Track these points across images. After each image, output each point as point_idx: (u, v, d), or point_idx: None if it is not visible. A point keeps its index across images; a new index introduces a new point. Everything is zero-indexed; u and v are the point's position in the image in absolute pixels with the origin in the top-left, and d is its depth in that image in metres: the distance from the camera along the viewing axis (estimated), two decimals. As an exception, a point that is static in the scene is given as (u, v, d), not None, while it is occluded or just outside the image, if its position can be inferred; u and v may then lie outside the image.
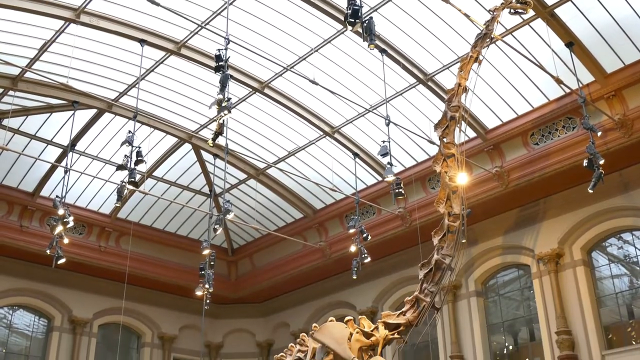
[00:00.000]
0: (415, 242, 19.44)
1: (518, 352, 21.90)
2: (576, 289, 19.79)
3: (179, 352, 28.16)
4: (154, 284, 26.65)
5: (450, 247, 9.68)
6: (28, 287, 24.73)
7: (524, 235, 21.24)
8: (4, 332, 24.83)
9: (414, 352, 23.44)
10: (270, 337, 28.65)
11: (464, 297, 22.44)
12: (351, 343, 9.16)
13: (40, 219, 23.59)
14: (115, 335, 25.28)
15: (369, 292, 24.86)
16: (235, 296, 28.29)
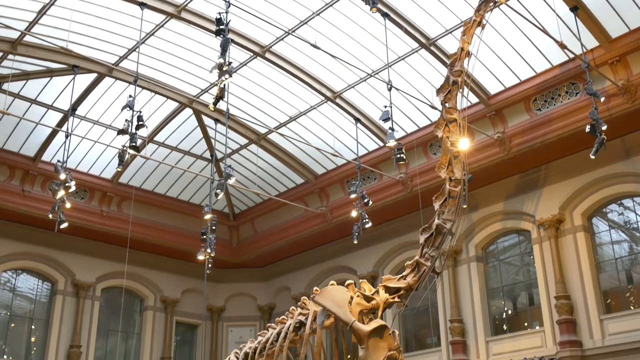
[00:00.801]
0: (416, 207, 19.51)
1: (517, 316, 22.10)
2: (576, 254, 19.91)
3: (181, 315, 28.45)
4: (156, 249, 26.82)
5: (451, 212, 9.69)
6: (31, 251, 24.89)
7: (524, 201, 21.29)
8: (7, 296, 25.06)
9: (414, 315, 23.67)
10: (271, 301, 28.91)
11: (464, 262, 22.58)
12: (352, 306, 9.22)
13: (42, 183, 23.64)
14: (118, 299, 25.53)
15: (370, 257, 25.01)
16: (236, 261, 28.47)
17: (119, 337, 26.84)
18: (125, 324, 26.99)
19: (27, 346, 25.20)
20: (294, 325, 10.04)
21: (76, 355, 24.73)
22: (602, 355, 18.56)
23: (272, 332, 10.44)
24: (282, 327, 10.28)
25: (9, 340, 24.96)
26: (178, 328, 28.58)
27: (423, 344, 23.78)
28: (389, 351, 8.86)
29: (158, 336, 27.44)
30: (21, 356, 24.72)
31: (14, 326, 25.18)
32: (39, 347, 25.09)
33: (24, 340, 25.28)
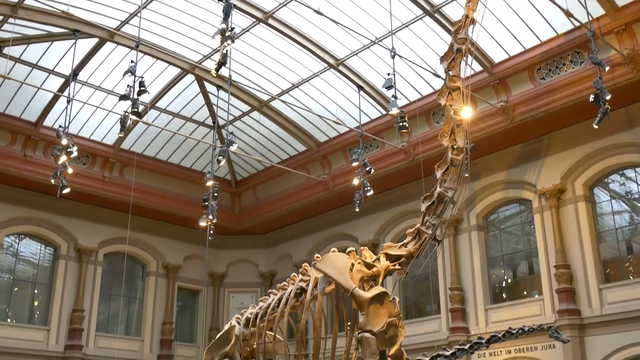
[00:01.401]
0: (418, 176, 19.51)
1: (516, 285, 22.25)
2: (577, 224, 19.96)
3: (183, 281, 28.66)
4: (158, 215, 26.90)
5: (453, 180, 9.68)
6: (33, 216, 24.99)
7: (526, 171, 21.28)
8: (11, 260, 25.23)
9: (414, 283, 23.82)
10: (273, 268, 29.08)
11: (465, 230, 22.65)
12: (352, 273, 9.28)
13: (44, 148, 23.64)
14: (121, 264, 25.68)
15: (371, 225, 25.09)
16: (238, 227, 28.57)
17: (122, 302, 27.09)
18: (127, 289, 27.22)
19: (31, 310, 25.44)
20: (295, 292, 10.12)
21: (79, 319, 24.98)
22: (600, 323, 18.71)
23: (273, 298, 10.52)
24: (283, 293, 10.36)
25: (13, 304, 25.19)
26: (180, 293, 28.82)
27: (423, 312, 23.98)
28: (389, 317, 8.94)
29: (160, 301, 27.68)
30: (24, 320, 24.97)
31: (17, 290, 25.40)
32: (42, 311, 25.33)
33: (27, 304, 25.52)
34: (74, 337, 24.73)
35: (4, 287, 24.61)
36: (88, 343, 25.17)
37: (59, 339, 24.60)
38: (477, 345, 13.00)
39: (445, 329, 22.09)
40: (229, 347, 10.44)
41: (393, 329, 9.00)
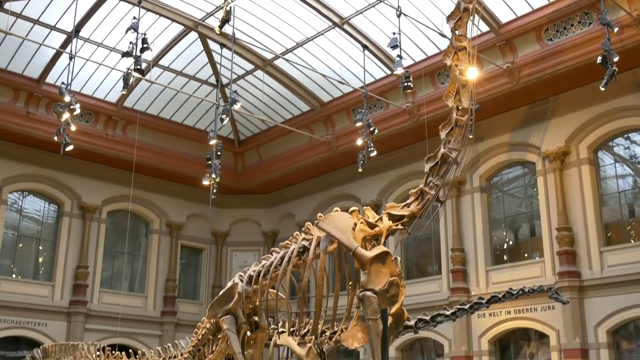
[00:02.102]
0: (422, 137, 19.44)
1: (518, 247, 22.36)
2: (580, 187, 19.96)
3: (187, 239, 28.85)
4: (162, 173, 26.95)
5: (457, 141, 9.61)
6: (37, 173, 25.06)
7: (531, 133, 21.20)
8: (15, 217, 25.38)
9: (416, 244, 23.95)
10: (275, 227, 29.21)
11: (467, 192, 22.68)
12: (355, 233, 9.29)
13: (47, 106, 23.57)
14: (124, 222, 25.83)
15: (374, 186, 25.12)
16: (241, 187, 28.63)
17: (125, 259, 27.32)
18: (131, 247, 27.42)
19: (35, 266, 25.69)
20: (298, 250, 10.15)
21: (83, 275, 25.24)
22: (600, 286, 18.86)
23: (276, 256, 10.56)
24: (285, 251, 10.40)
25: (17, 260, 25.43)
26: (183, 251, 29.04)
27: (424, 272, 24.16)
28: (390, 277, 8.97)
29: (163, 259, 27.91)
30: (29, 275, 25.24)
31: (21, 247, 25.61)
32: (46, 267, 25.58)
33: (31, 261, 25.76)
34: (79, 292, 25.02)
35: (8, 243, 24.80)
36: (92, 299, 25.48)
37: (64, 294, 24.90)
38: (478, 305, 13.10)
39: (445, 289, 22.28)
40: (231, 304, 10.54)
41: (394, 288, 9.04)
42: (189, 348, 13.46)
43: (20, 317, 23.55)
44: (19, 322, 23.55)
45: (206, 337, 12.51)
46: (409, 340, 22.44)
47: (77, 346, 16.14)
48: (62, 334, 23.89)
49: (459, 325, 20.49)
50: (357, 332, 10.42)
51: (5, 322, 23.25)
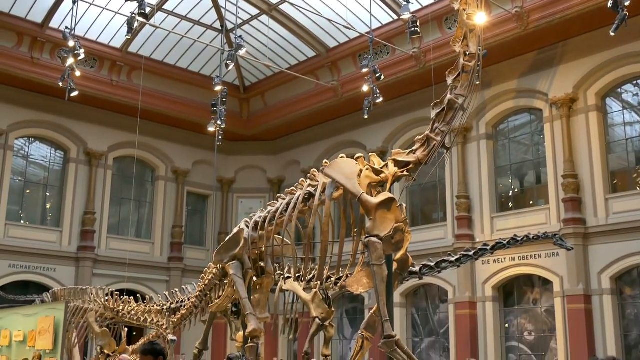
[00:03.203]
0: (429, 83, 19.28)
1: (523, 194, 22.38)
2: (587, 134, 19.85)
3: (192, 186, 28.96)
4: (167, 120, 26.89)
5: (464, 87, 9.51)
6: (43, 119, 25.04)
7: (539, 79, 20.98)
8: (21, 163, 25.47)
9: (421, 191, 23.98)
10: (281, 174, 29.25)
11: (474, 139, 22.59)
12: (360, 179, 9.29)
13: (51, 51, 23.35)
14: (130, 168, 25.91)
15: (380, 133, 25.03)
16: (247, 133, 28.57)
17: (132, 205, 27.50)
18: (137, 193, 27.56)
19: (43, 212, 25.91)
20: (303, 197, 10.16)
21: (91, 221, 25.45)
22: (605, 233, 18.93)
23: (281, 203, 10.59)
24: (291, 197, 10.41)
25: (25, 206, 25.63)
26: (189, 198, 29.20)
27: (429, 219, 24.26)
28: (396, 223, 9.00)
29: (170, 205, 28.09)
30: (37, 221, 25.48)
31: (29, 193, 25.77)
32: (54, 213, 25.80)
33: (39, 206, 25.96)
34: (86, 238, 25.28)
35: (16, 189, 24.95)
36: (100, 244, 25.75)
37: (72, 240, 25.16)
38: (482, 251, 13.20)
39: (450, 236, 22.40)
40: (237, 250, 10.61)
41: (399, 234, 9.08)
42: (196, 293, 13.65)
43: (30, 263, 23.87)
44: (28, 267, 23.88)
45: (213, 283, 12.67)
46: (413, 286, 22.69)
47: (86, 290, 16.37)
48: (71, 279, 24.23)
49: (463, 272, 20.67)
50: (362, 277, 10.52)
51: (15, 267, 23.57)
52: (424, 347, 23.08)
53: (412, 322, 23.73)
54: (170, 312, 14.67)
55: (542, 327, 20.58)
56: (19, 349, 7.80)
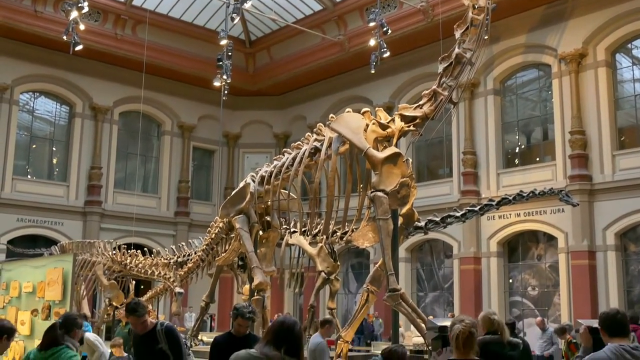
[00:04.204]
0: (436, 37, 19.06)
1: (529, 150, 22.31)
2: (595, 90, 19.67)
3: (198, 140, 28.95)
4: (172, 74, 26.71)
5: (472, 41, 9.40)
6: (47, 73, 24.92)
7: (548, 34, 20.70)
8: (27, 118, 25.46)
9: (428, 146, 23.91)
10: (287, 129, 29.17)
11: (481, 95, 22.42)
12: (367, 133, 9.26)
13: (54, 4, 23.12)
14: (136, 123, 25.88)
15: (386, 88, 24.84)
16: (253, 88, 28.41)
17: (138, 160, 27.55)
18: (143, 148, 27.59)
19: (50, 167, 26.00)
20: (310, 151, 10.15)
21: (97, 175, 25.54)
22: (611, 189, 18.91)
23: (287, 157, 10.59)
24: (297, 152, 10.40)
25: (32, 160, 25.71)
26: (195, 153, 29.22)
27: (435, 175, 24.26)
28: (402, 178, 9.00)
29: (176, 160, 28.13)
30: (44, 176, 25.58)
31: (35, 147, 25.83)
32: (60, 168, 25.88)
33: (45, 161, 26.05)
34: (93, 193, 25.40)
35: (22, 144, 25.00)
36: (107, 199, 25.89)
37: (79, 194, 25.30)
38: (488, 207, 13.21)
39: (456, 192, 22.42)
40: (244, 204, 10.65)
41: (405, 189, 9.09)
42: (202, 246, 13.77)
43: (37, 217, 24.05)
44: (36, 221, 24.07)
45: (219, 236, 12.76)
46: (418, 241, 22.81)
47: (94, 244, 16.54)
48: (79, 232, 24.44)
49: (468, 227, 20.74)
50: (367, 232, 10.58)
51: (23, 221, 23.76)
52: (428, 302, 23.32)
53: (417, 277, 23.93)
54: (177, 266, 14.83)
55: (545, 282, 20.73)
56: (28, 299, 7.90)
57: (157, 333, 5.38)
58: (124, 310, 5.53)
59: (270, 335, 3.79)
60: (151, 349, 5.29)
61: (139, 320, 5.36)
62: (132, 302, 5.45)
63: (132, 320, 5.36)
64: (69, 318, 5.17)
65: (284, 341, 3.73)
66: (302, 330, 3.85)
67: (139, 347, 5.27)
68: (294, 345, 3.74)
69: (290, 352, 3.71)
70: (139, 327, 5.35)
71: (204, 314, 14.14)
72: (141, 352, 5.28)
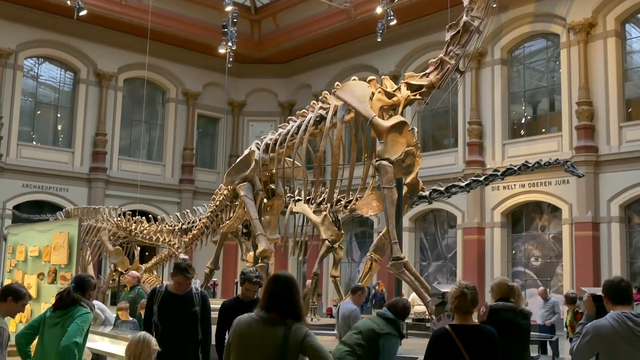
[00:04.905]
0: (444, 5, 18.86)
1: (536, 121, 22.20)
2: (604, 60, 19.49)
3: (203, 108, 28.87)
4: (177, 41, 26.52)
5: (480, 9, 9.31)
6: (52, 39, 24.77)
7: (557, 3, 20.46)
8: (32, 84, 25.38)
9: (433, 116, 23.81)
10: (292, 98, 29.04)
11: (488, 64, 22.24)
12: (372, 102, 9.22)
13: (58, -32, 22.90)
14: (141, 90, 25.79)
15: (393, 56, 24.64)
16: (258, 56, 28.22)
17: (143, 127, 27.50)
18: (148, 115, 27.52)
19: (55, 133, 25.99)
20: (315, 119, 10.12)
21: (102, 142, 25.53)
22: (617, 161, 18.85)
23: (292, 125, 10.56)
24: (302, 120, 10.38)
25: (36, 127, 25.70)
26: (200, 121, 29.16)
27: (440, 145, 24.20)
28: (407, 146, 8.99)
29: (180, 128, 28.08)
30: (49, 142, 25.58)
31: (40, 114, 25.80)
32: (65, 135, 25.87)
33: (50, 127, 26.03)
34: (98, 159, 25.43)
35: (26, 110, 24.97)
36: (112, 166, 25.92)
37: (84, 161, 25.33)
38: (492, 177, 13.20)
39: (461, 162, 22.37)
40: (248, 171, 10.66)
41: (410, 158, 9.09)
42: (207, 214, 13.82)
43: (43, 183, 24.11)
44: (42, 187, 24.14)
45: (224, 204, 12.80)
46: (422, 211, 22.83)
47: (99, 210, 16.59)
48: (84, 199, 24.52)
49: (472, 198, 20.74)
50: (372, 200, 10.60)
51: (28, 187, 23.84)
52: (431, 271, 23.42)
53: (420, 247, 24.01)
54: (182, 232, 14.90)
55: (548, 253, 20.78)
56: (35, 263, 7.96)
57: (194, 296, 5.48)
58: (173, 268, 5.56)
59: (265, 296, 3.77)
60: (186, 310, 5.39)
61: (187, 281, 5.47)
62: (184, 262, 5.56)
63: (179, 279, 5.40)
64: (82, 279, 5.22)
65: (279, 301, 3.70)
66: (296, 285, 3.79)
67: (172, 307, 5.32)
68: (290, 303, 3.69)
69: (287, 312, 3.67)
70: (183, 287, 5.45)
71: (208, 281, 14.24)
72: (173, 312, 5.34)
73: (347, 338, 5.55)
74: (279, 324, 3.63)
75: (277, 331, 3.60)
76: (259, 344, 3.62)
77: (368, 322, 5.62)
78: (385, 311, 5.70)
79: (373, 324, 5.54)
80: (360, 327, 5.59)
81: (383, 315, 5.63)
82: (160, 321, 5.35)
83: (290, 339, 3.58)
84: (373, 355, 5.39)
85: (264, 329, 3.65)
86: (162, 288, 5.61)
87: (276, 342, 3.58)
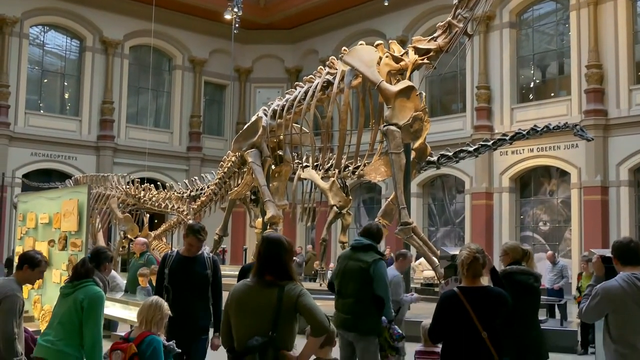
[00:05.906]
0: (452, -32, 18.56)
1: (545, 85, 22.01)
2: (614, 22, 19.23)
3: (210, 75, 28.75)
4: (183, 7, 26.31)
5: (489, -30, 9.18)
6: (57, 6, 24.63)
7: (567, -36, 20.15)
8: (38, 52, 25.31)
9: (441, 81, 23.64)
10: (299, 64, 28.87)
11: (496, 28, 21.99)
12: (380, 67, 9.17)
13: None
14: (147, 57, 25.68)
15: (400, 20, 24.39)
16: (264, 21, 28.00)
17: (150, 95, 27.46)
18: (154, 83, 27.43)
19: (62, 101, 25.98)
20: (322, 85, 10.09)
21: (109, 110, 25.53)
22: (626, 124, 18.70)
23: (300, 91, 10.53)
24: (309, 86, 10.34)
25: (44, 95, 25.69)
26: (207, 88, 29.08)
27: (448, 110, 24.07)
28: (415, 111, 8.96)
29: (187, 95, 28.02)
30: (56, 110, 25.59)
31: (46, 82, 25.76)
32: (72, 103, 25.87)
33: (57, 96, 26.02)
34: (106, 127, 25.45)
35: (33, 78, 24.93)
36: (119, 133, 25.96)
37: (91, 129, 25.36)
38: (501, 142, 13.16)
39: (469, 127, 22.26)
40: (256, 138, 10.67)
41: (418, 123, 9.07)
42: (215, 181, 13.86)
43: (51, 151, 24.18)
44: (50, 156, 24.22)
45: (232, 170, 12.83)
46: (430, 177, 22.82)
47: (108, 178, 16.67)
48: (92, 167, 24.61)
49: (480, 163, 20.69)
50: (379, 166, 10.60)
51: (36, 155, 23.92)
52: (439, 236, 23.48)
53: (429, 212, 24.05)
54: (191, 199, 14.96)
55: (557, 217, 20.78)
56: (45, 230, 8.01)
57: (205, 260, 5.49)
58: (186, 229, 5.57)
59: (257, 259, 3.79)
60: (197, 272, 5.39)
61: (198, 243, 5.47)
62: (198, 224, 5.55)
63: (191, 240, 5.39)
64: (98, 252, 5.23)
65: (271, 262, 3.70)
66: (286, 246, 3.77)
67: (184, 269, 5.34)
68: (280, 264, 3.70)
69: (280, 274, 3.68)
70: (194, 249, 5.45)
71: (217, 248, 14.33)
72: (184, 275, 5.34)
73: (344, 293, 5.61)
74: (273, 286, 3.65)
75: (272, 293, 3.63)
76: (255, 307, 3.65)
77: (351, 265, 5.60)
78: (361, 239, 5.69)
79: (355, 263, 5.54)
80: (348, 277, 5.58)
81: (359, 244, 5.64)
82: (171, 284, 5.36)
83: (284, 299, 3.61)
84: (370, 286, 5.46)
85: (259, 292, 3.67)
86: (172, 253, 5.63)
87: (271, 304, 3.61)
